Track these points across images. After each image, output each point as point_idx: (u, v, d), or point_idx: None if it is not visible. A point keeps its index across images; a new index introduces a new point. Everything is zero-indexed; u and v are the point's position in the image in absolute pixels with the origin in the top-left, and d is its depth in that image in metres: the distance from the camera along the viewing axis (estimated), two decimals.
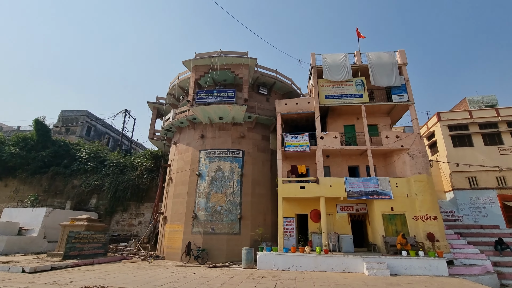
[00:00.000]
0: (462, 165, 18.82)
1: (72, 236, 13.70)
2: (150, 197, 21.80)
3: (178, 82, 19.16)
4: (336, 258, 11.55)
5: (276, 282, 8.94)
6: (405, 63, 16.06)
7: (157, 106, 22.32)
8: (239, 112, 16.25)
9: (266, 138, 17.79)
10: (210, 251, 14.40)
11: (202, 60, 16.82)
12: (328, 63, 16.20)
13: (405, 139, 14.43)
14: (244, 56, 16.66)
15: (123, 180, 21.86)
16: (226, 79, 18.17)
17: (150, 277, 9.66)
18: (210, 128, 17.30)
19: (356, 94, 15.67)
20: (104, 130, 36.03)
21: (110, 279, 9.05)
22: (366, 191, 13.55)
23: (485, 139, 19.51)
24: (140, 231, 20.80)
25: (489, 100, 23.80)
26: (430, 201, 13.12)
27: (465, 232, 15.83)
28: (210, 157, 16.59)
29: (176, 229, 15.85)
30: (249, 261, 12.56)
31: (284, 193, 13.97)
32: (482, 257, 12.68)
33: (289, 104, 16.26)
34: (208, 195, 15.73)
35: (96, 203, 21.94)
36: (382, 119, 16.51)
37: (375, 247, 13.20)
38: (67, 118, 33.56)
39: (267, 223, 15.72)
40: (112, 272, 10.63)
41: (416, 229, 12.84)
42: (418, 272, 10.83)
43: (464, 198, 18.40)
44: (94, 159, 23.71)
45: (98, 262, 13.66)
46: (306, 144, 14.75)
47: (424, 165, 13.87)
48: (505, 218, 17.32)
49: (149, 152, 24.13)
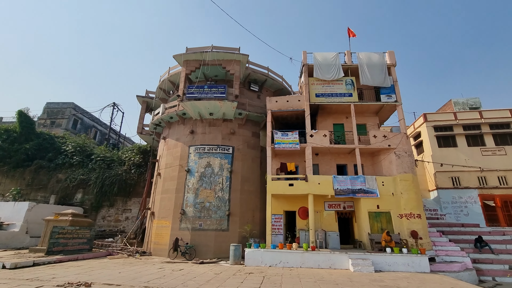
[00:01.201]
0: (446, 165, 19.39)
1: (56, 231, 13.38)
2: (137, 193, 21.50)
3: (169, 77, 18.86)
4: (322, 254, 11.73)
5: (263, 278, 9.00)
6: (394, 64, 16.32)
7: (147, 100, 21.93)
8: (230, 108, 16.16)
9: (256, 135, 17.78)
10: (198, 247, 14.36)
11: (193, 54, 16.59)
12: (319, 61, 16.28)
13: (392, 138, 14.72)
14: (235, 52, 16.54)
15: (110, 175, 21.46)
16: (217, 74, 18.01)
17: (136, 273, 9.56)
18: (200, 123, 17.14)
19: (346, 93, 15.84)
20: (91, 124, 35.15)
21: (95, 275, 8.90)
22: (354, 189, 13.78)
23: (468, 140, 20.13)
24: (127, 226, 20.52)
25: (473, 102, 24.57)
26: (415, 200, 13.47)
27: (447, 230, 16.38)
28: (200, 153, 16.47)
29: (163, 225, 15.71)
30: (236, 258, 12.60)
31: (273, 190, 14.04)
32: (462, 254, 13.14)
33: (280, 101, 16.28)
34: (197, 191, 15.63)
35: (82, 198, 21.47)
36: (371, 119, 16.78)
37: (361, 244, 13.48)
38: (52, 110, 32.53)
39: (255, 220, 15.79)
40: (97, 268, 10.45)
41: (401, 227, 13.18)
42: (401, 268, 11.13)
43: (447, 197, 18.98)
44: (80, 152, 23.14)
45: (82, 258, 13.40)
46: (296, 142, 14.83)
47: (409, 164, 14.20)
48: (485, 217, 17.99)
49: (137, 146, 23.74)
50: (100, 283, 7.65)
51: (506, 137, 19.72)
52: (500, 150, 19.43)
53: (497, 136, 19.83)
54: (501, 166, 18.85)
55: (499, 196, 18.32)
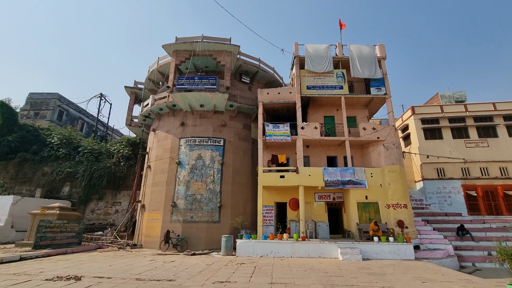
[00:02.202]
0: (432, 157, 19.99)
1: (43, 225, 13.12)
2: (127, 185, 21.23)
3: (158, 67, 18.43)
4: (312, 244, 11.99)
5: (254, 268, 9.15)
6: (384, 57, 16.47)
7: (135, 91, 21.43)
8: (221, 100, 16.01)
9: (247, 127, 17.74)
10: (189, 239, 14.40)
11: (183, 45, 16.22)
12: (310, 53, 16.24)
13: (381, 131, 15.00)
14: (226, 43, 16.27)
15: (99, 168, 21.05)
16: (208, 65, 17.72)
17: (127, 265, 9.53)
18: (191, 115, 16.94)
19: (337, 86, 15.94)
20: (77, 115, 34.13)
21: (85, 269, 8.83)
22: (343, 181, 14.05)
23: (453, 132, 20.75)
24: (117, 220, 20.31)
25: (459, 96, 25.22)
26: (402, 190, 13.87)
27: (431, 219, 17.01)
28: (191, 145, 16.33)
29: (154, 217, 15.63)
30: (228, 249, 12.73)
31: (264, 182, 14.15)
32: (445, 242, 13.72)
33: (271, 93, 16.24)
34: (188, 184, 15.57)
35: (69, 191, 21.03)
36: (361, 111, 17.00)
37: (350, 233, 13.85)
38: (36, 101, 31.33)
39: (247, 212, 15.92)
40: (86, 262, 10.36)
41: (388, 217, 13.59)
42: (387, 256, 11.53)
43: (432, 187, 19.65)
44: (66, 145, 22.53)
45: (71, 252, 13.24)
46: (287, 134, 14.90)
47: (397, 156, 14.55)
48: (467, 206, 18.77)
49: (126, 139, 23.28)
50: (90, 276, 7.60)
51: (489, 129, 20.42)
52: (483, 142, 20.14)
53: (481, 128, 20.51)
54: (483, 158, 19.58)
55: (480, 187, 19.10)
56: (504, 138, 20.00)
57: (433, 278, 7.82)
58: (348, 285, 6.90)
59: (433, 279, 7.70)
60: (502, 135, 20.09)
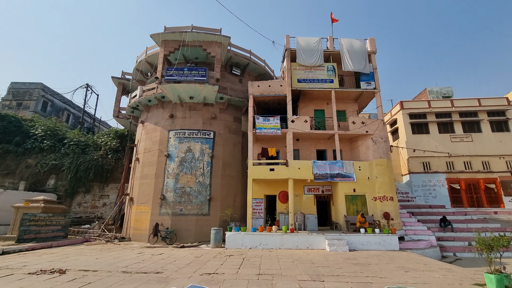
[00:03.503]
0: (418, 151, 20.47)
1: (26, 218, 12.80)
2: (115, 178, 20.88)
3: (146, 57, 17.97)
4: (300, 236, 12.16)
5: (242, 259, 9.22)
6: (374, 51, 16.55)
7: (123, 82, 20.89)
8: (211, 92, 15.80)
9: (238, 120, 17.64)
10: (178, 232, 14.36)
11: (172, 34, 15.83)
12: (301, 46, 16.15)
13: (370, 125, 15.18)
14: (217, 34, 15.97)
15: (85, 160, 20.58)
16: (198, 57, 17.40)
17: (114, 258, 9.43)
18: (180, 107, 16.68)
19: (327, 79, 15.96)
20: (63, 106, 33.08)
21: (70, 262, 8.69)
22: (332, 174, 14.22)
23: (439, 127, 21.25)
24: (105, 213, 20.02)
25: (446, 91, 25.74)
26: (388, 183, 14.17)
27: (416, 211, 17.50)
28: (180, 137, 16.13)
29: (143, 210, 15.48)
30: (217, 241, 12.77)
31: (254, 175, 14.17)
32: (428, 233, 14.17)
33: (262, 86, 16.13)
34: (177, 176, 15.44)
35: (55, 184, 20.52)
36: (350, 105, 17.13)
37: (337, 225, 14.11)
38: (18, 91, 30.12)
39: (236, 204, 15.96)
40: (72, 255, 10.20)
41: (374, 209, 13.89)
42: (373, 247, 11.83)
43: (418, 181, 20.18)
44: (51, 137, 21.87)
45: (57, 245, 13.01)
46: (277, 127, 14.90)
47: (385, 150, 14.80)
48: (450, 199, 19.41)
49: (114, 131, 22.80)
50: (76, 270, 7.48)
51: (473, 124, 21.01)
52: (468, 137, 20.73)
53: (466, 123, 21.08)
54: (467, 152, 20.18)
55: (463, 180, 19.74)
56: (487, 133, 20.63)
57: (415, 268, 8.08)
58: (334, 275, 7.04)
59: (415, 269, 7.95)
60: (485, 130, 20.71)
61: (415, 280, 6.60)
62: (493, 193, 19.39)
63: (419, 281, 6.51)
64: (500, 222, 16.33)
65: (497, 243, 6.03)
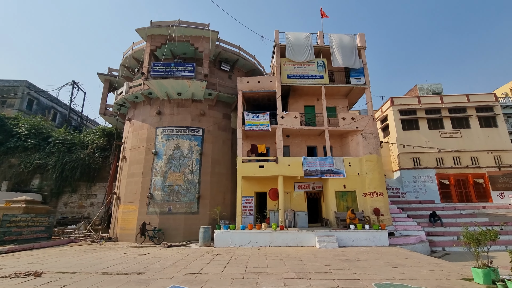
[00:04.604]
0: (409, 147, 20.56)
1: (6, 219, 12.31)
2: (103, 177, 20.38)
3: (132, 53, 17.48)
4: (290, 233, 12.00)
5: (230, 258, 9.01)
6: (364, 47, 16.45)
7: (109, 78, 20.33)
8: (199, 88, 15.46)
9: (227, 117, 17.35)
10: (166, 231, 14.04)
11: (159, 29, 15.41)
12: (291, 42, 15.94)
13: (360, 121, 15.10)
14: (204, 28, 15.61)
15: (71, 159, 20.00)
16: (185, 52, 17.01)
17: (96, 259, 9.10)
18: (168, 104, 16.29)
19: (317, 75, 15.80)
20: (49, 104, 32.12)
21: (49, 264, 8.33)
22: (322, 170, 14.09)
23: (429, 123, 21.38)
24: (92, 213, 19.53)
25: (436, 88, 25.94)
26: (378, 179, 14.12)
27: (406, 206, 17.57)
28: (168, 134, 15.76)
29: (130, 209, 15.10)
30: (206, 240, 12.52)
31: (244, 172, 13.94)
32: (418, 228, 14.20)
33: (251, 82, 15.87)
34: (165, 174, 15.09)
35: (40, 184, 19.90)
36: (341, 101, 17.03)
37: (328, 222, 14.01)
38: (2, 89, 29.09)
39: (226, 202, 15.71)
40: (53, 256, 9.82)
41: (365, 205, 13.83)
42: (363, 243, 11.75)
43: (408, 176, 20.28)
44: (35, 135, 21.18)
45: (40, 247, 12.56)
46: (267, 123, 14.68)
47: (375, 145, 14.74)
48: (440, 194, 19.56)
49: (101, 129, 22.23)
50: (53, 272, 7.15)
51: (462, 120, 21.20)
52: (457, 132, 20.91)
53: (455, 119, 21.26)
54: (456, 148, 20.36)
55: (453, 175, 19.91)
56: (475, 129, 20.84)
57: (404, 263, 7.99)
58: (321, 272, 6.89)
59: (404, 264, 7.86)
60: (474, 126, 20.92)
61: (403, 276, 6.49)
62: (481, 188, 19.62)
63: (407, 277, 6.40)
64: (488, 217, 16.52)
65: (484, 237, 5.96)
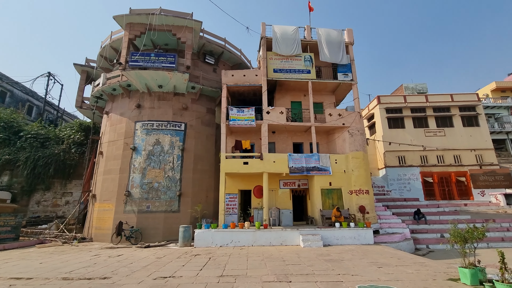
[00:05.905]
0: (394, 145, 20.59)
1: None
2: (79, 174, 19.25)
3: (111, 42, 16.50)
4: (274, 232, 11.56)
5: (208, 259, 8.46)
6: (352, 42, 16.19)
7: (86, 69, 19.21)
8: (181, 80, 14.73)
9: (211, 111, 16.71)
10: (145, 231, 13.30)
11: (138, 17, 14.54)
12: (278, 35, 15.44)
13: (347, 117, 14.83)
14: (187, 18, 14.84)
15: (45, 155, 18.76)
16: (167, 43, 16.20)
17: (61, 262, 8.32)
18: (148, 97, 15.47)
19: (304, 70, 15.40)
20: (25, 97, 30.24)
21: (6, 268, 7.52)
22: (308, 167, 13.73)
23: (414, 122, 21.51)
24: (68, 211, 18.42)
25: (421, 87, 26.18)
26: (364, 176, 13.90)
27: (391, 204, 17.53)
28: (148, 129, 14.96)
29: (106, 208, 14.24)
30: (186, 239, 11.90)
31: (227, 169, 13.39)
32: (403, 226, 14.12)
33: (236, 75, 15.28)
34: (144, 171, 14.31)
35: (9, 181, 18.56)
36: (328, 97, 16.72)
37: (313, 220, 13.67)
38: None
39: (209, 200, 15.12)
40: (14, 260, 8.95)
41: (350, 203, 13.58)
42: (348, 242, 11.47)
43: (394, 174, 20.31)
44: (5, 129, 19.77)
45: (3, 249, 11.56)
46: (252, 119, 14.16)
47: (361, 142, 14.51)
48: (424, 192, 19.70)
49: (78, 123, 21.01)
50: (6, 278, 6.38)
51: (446, 119, 21.44)
52: (440, 131, 21.12)
53: (439, 118, 21.47)
54: (440, 146, 20.56)
55: (436, 173, 20.10)
56: (459, 128, 21.13)
57: (389, 263, 7.70)
58: (303, 274, 6.46)
59: (388, 264, 7.56)
60: (457, 125, 21.20)
61: (388, 276, 6.15)
62: (463, 186, 19.90)
63: (392, 277, 6.07)
64: (470, 214, 16.71)
65: (471, 236, 5.69)
